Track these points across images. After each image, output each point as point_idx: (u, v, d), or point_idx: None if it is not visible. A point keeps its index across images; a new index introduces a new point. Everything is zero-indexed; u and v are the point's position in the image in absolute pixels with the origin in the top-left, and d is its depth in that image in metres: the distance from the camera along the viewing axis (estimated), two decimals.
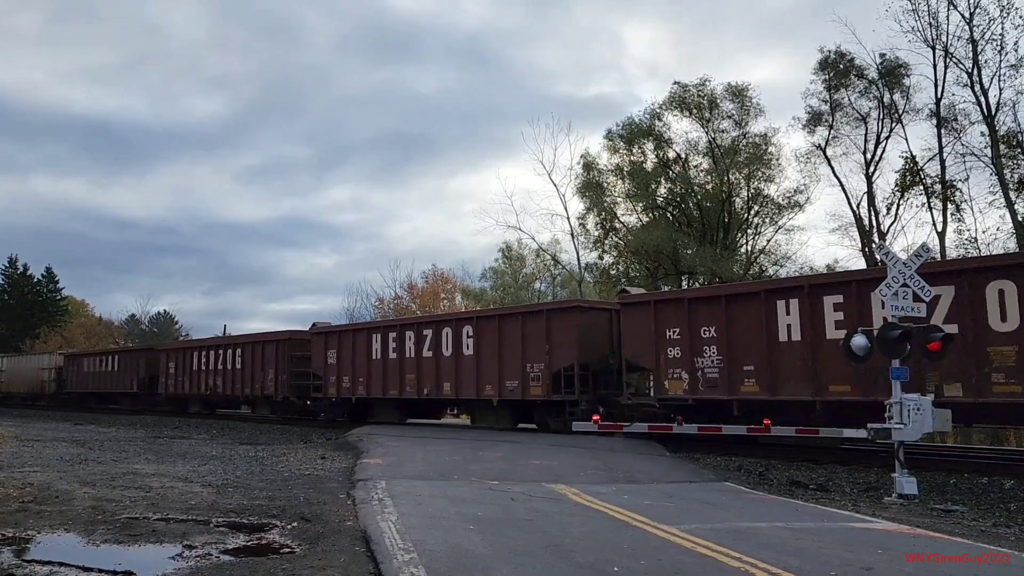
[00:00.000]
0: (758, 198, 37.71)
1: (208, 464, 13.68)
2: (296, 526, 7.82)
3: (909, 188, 34.07)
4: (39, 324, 71.52)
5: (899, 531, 8.21)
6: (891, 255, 11.50)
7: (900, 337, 10.75)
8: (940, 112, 32.36)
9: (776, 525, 8.29)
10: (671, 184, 39.10)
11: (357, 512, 8.58)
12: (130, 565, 6.23)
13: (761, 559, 6.38)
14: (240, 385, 30.36)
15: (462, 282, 55.04)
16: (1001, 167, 30.59)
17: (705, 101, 37.13)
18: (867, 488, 11.74)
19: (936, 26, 31.98)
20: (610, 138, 40.08)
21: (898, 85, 33.89)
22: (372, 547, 6.71)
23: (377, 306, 52.95)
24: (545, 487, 10.88)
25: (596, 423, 16.80)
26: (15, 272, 76.61)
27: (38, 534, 7.30)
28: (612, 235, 40.35)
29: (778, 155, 37.08)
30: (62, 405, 41.85)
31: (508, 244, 50.34)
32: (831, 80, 34.88)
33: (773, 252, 38.35)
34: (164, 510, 8.60)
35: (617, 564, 6.15)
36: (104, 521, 7.89)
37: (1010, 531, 8.60)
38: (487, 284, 53.35)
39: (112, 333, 75.76)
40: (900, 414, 10.67)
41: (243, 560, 6.41)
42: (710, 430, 15.32)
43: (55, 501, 9.04)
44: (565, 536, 7.34)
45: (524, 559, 6.33)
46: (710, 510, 9.45)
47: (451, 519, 8.11)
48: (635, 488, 11.17)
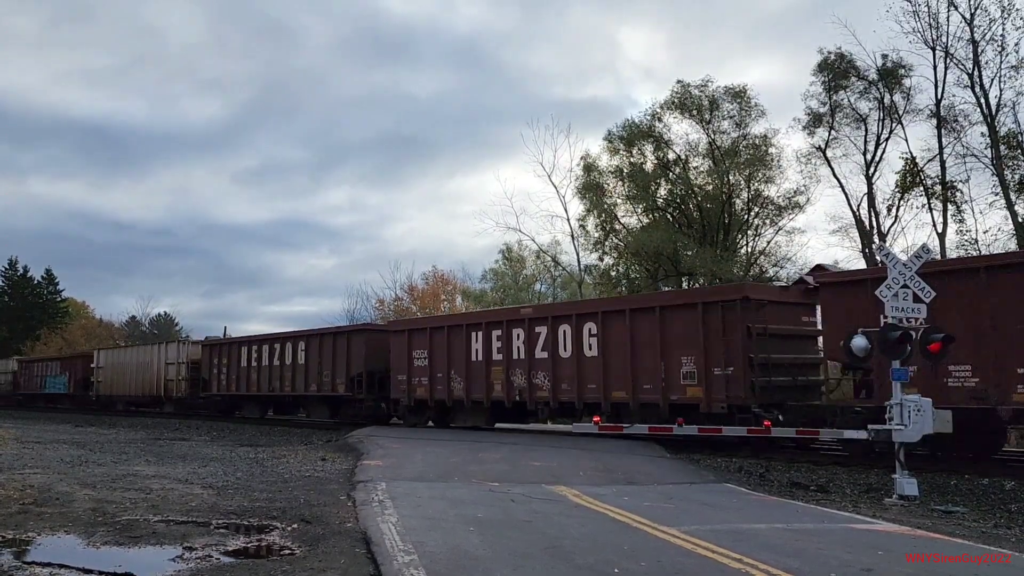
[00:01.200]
0: (758, 199, 37.68)
1: (208, 466, 13.68)
2: (296, 528, 7.82)
3: (909, 189, 34.03)
4: (39, 326, 71.56)
5: (899, 532, 8.21)
6: (891, 256, 11.52)
7: (900, 338, 10.75)
8: (940, 113, 32.36)
9: (776, 526, 8.29)
10: (671, 185, 39.07)
11: (357, 514, 8.58)
12: (130, 567, 6.23)
13: (761, 560, 6.38)
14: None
15: (462, 283, 55.09)
16: (1001, 168, 30.58)
17: (706, 102, 37.13)
18: (867, 489, 11.73)
19: (936, 27, 31.98)
20: (610, 139, 40.06)
21: (898, 86, 33.89)
22: (372, 549, 6.71)
23: (377, 307, 52.91)
24: (545, 488, 10.88)
25: (596, 424, 16.78)
26: (15, 274, 76.67)
27: (38, 536, 7.30)
28: (612, 237, 40.33)
29: (778, 156, 37.12)
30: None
31: (508, 246, 50.36)
32: (830, 81, 34.88)
33: (773, 253, 38.34)
34: (164, 512, 8.60)
35: (617, 565, 6.15)
36: (104, 523, 7.90)
37: (1011, 532, 8.59)
38: (487, 285, 53.39)
39: (112, 335, 75.72)
40: (901, 415, 10.67)
41: (243, 562, 6.41)
42: (710, 431, 15.30)
43: (55, 503, 9.05)
44: (565, 537, 7.34)
45: (524, 560, 6.33)
46: (710, 511, 9.45)
47: (451, 520, 8.11)
48: (635, 489, 11.16)
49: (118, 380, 39.12)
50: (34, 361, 51.73)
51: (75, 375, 42.92)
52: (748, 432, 14.87)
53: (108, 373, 40.06)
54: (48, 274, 78.15)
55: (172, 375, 35.15)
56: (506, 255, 51.30)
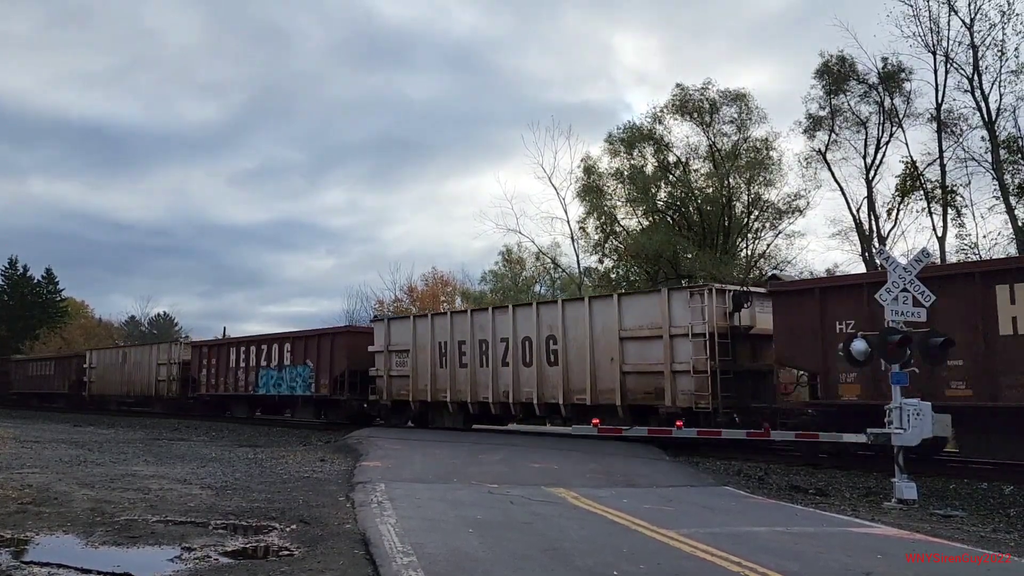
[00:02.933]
0: (758, 202, 37.73)
1: (207, 466, 13.66)
2: (295, 528, 7.81)
3: (909, 193, 34.03)
4: (39, 325, 71.50)
5: (898, 535, 8.20)
6: (891, 260, 11.52)
7: (900, 342, 10.74)
8: (940, 117, 32.38)
9: (775, 529, 8.29)
10: (671, 188, 39.10)
11: (356, 515, 8.57)
12: (129, 567, 6.22)
13: (760, 563, 6.37)
14: None
15: (462, 284, 55.06)
16: (1001, 172, 30.60)
17: (706, 105, 37.16)
18: (867, 493, 11.72)
19: (937, 31, 32.02)
20: (611, 142, 40.11)
21: (899, 89, 33.92)
22: (371, 550, 6.70)
23: (377, 308, 52.88)
24: (544, 490, 10.87)
25: (595, 426, 16.75)
26: (15, 273, 76.56)
27: (37, 535, 7.29)
28: (612, 239, 40.35)
29: (778, 160, 37.14)
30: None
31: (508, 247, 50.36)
32: (831, 85, 34.89)
33: (773, 256, 38.37)
34: (163, 512, 8.59)
35: (616, 568, 6.14)
36: (103, 523, 7.88)
37: (1010, 536, 8.58)
38: (487, 287, 53.35)
39: (112, 335, 75.68)
40: (900, 419, 10.66)
41: (242, 563, 6.40)
42: (709, 434, 15.29)
43: (54, 502, 9.03)
44: (564, 540, 7.33)
45: (523, 562, 6.33)
46: (709, 514, 9.45)
47: (450, 522, 8.10)
48: (634, 492, 11.16)
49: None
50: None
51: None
52: (748, 436, 14.89)
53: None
54: (48, 273, 78.11)
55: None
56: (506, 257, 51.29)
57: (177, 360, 34.67)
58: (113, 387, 39.12)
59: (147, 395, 36.73)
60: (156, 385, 35.74)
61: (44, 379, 46.49)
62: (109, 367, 39.88)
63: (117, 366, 39.19)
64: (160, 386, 35.50)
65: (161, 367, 35.50)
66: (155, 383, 35.78)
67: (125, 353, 39.86)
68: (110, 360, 40.35)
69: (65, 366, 44.39)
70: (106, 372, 39.94)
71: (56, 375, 44.93)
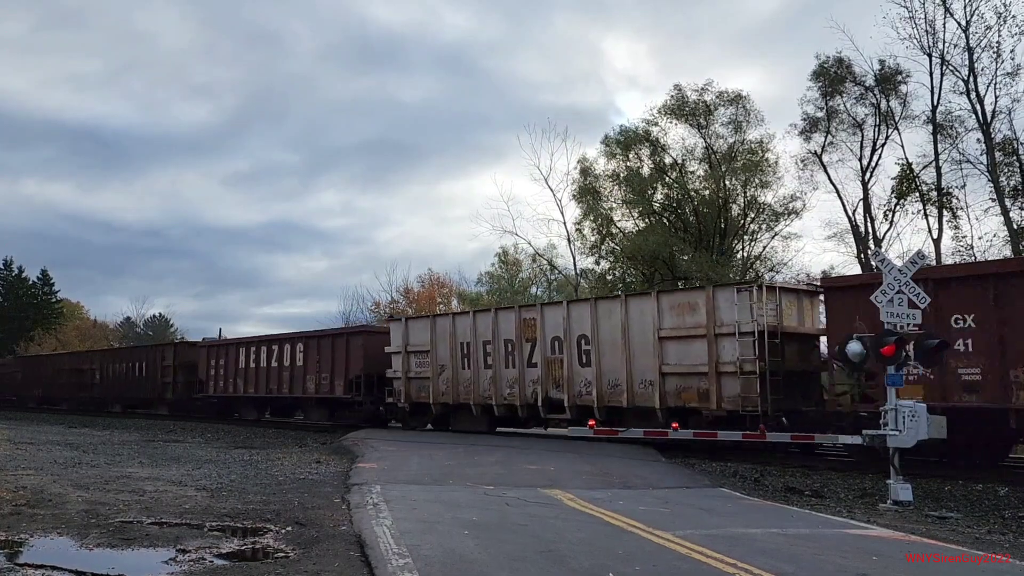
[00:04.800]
0: (754, 204, 37.78)
1: (202, 468, 13.63)
2: (290, 530, 7.80)
3: (905, 195, 34.10)
4: (34, 326, 71.29)
5: (894, 537, 8.22)
6: (886, 262, 11.54)
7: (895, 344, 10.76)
8: (936, 119, 32.45)
9: (771, 531, 8.29)
10: (668, 190, 39.14)
11: (352, 516, 8.56)
12: (123, 569, 6.21)
13: (756, 565, 6.38)
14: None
15: (458, 286, 55.10)
16: (997, 174, 30.67)
17: (702, 107, 37.21)
18: (862, 494, 11.74)
19: (933, 34, 32.08)
20: (607, 143, 40.15)
21: (895, 91, 33.99)
22: (367, 552, 6.69)
23: (373, 310, 52.86)
24: (540, 492, 10.86)
25: (591, 428, 16.74)
26: (10, 274, 76.33)
27: (31, 537, 7.26)
28: (608, 240, 40.37)
29: (775, 162, 37.20)
30: None
31: (505, 249, 50.43)
32: (827, 87, 34.95)
33: (769, 258, 38.42)
34: (158, 514, 8.57)
35: (612, 569, 6.14)
36: (97, 525, 7.86)
37: (1004, 538, 8.60)
38: (483, 288, 53.38)
39: (107, 336, 75.50)
40: (895, 421, 10.68)
41: (237, 564, 6.39)
42: (705, 435, 15.28)
43: (48, 504, 9.00)
44: (560, 541, 7.33)
45: (519, 564, 6.32)
46: (705, 516, 9.45)
47: (446, 524, 8.09)
48: (630, 493, 11.15)
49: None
50: None
51: None
52: (743, 437, 14.87)
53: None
54: (43, 274, 77.86)
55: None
56: (502, 258, 51.38)
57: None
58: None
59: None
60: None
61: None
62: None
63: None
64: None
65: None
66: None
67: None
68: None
69: None
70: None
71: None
